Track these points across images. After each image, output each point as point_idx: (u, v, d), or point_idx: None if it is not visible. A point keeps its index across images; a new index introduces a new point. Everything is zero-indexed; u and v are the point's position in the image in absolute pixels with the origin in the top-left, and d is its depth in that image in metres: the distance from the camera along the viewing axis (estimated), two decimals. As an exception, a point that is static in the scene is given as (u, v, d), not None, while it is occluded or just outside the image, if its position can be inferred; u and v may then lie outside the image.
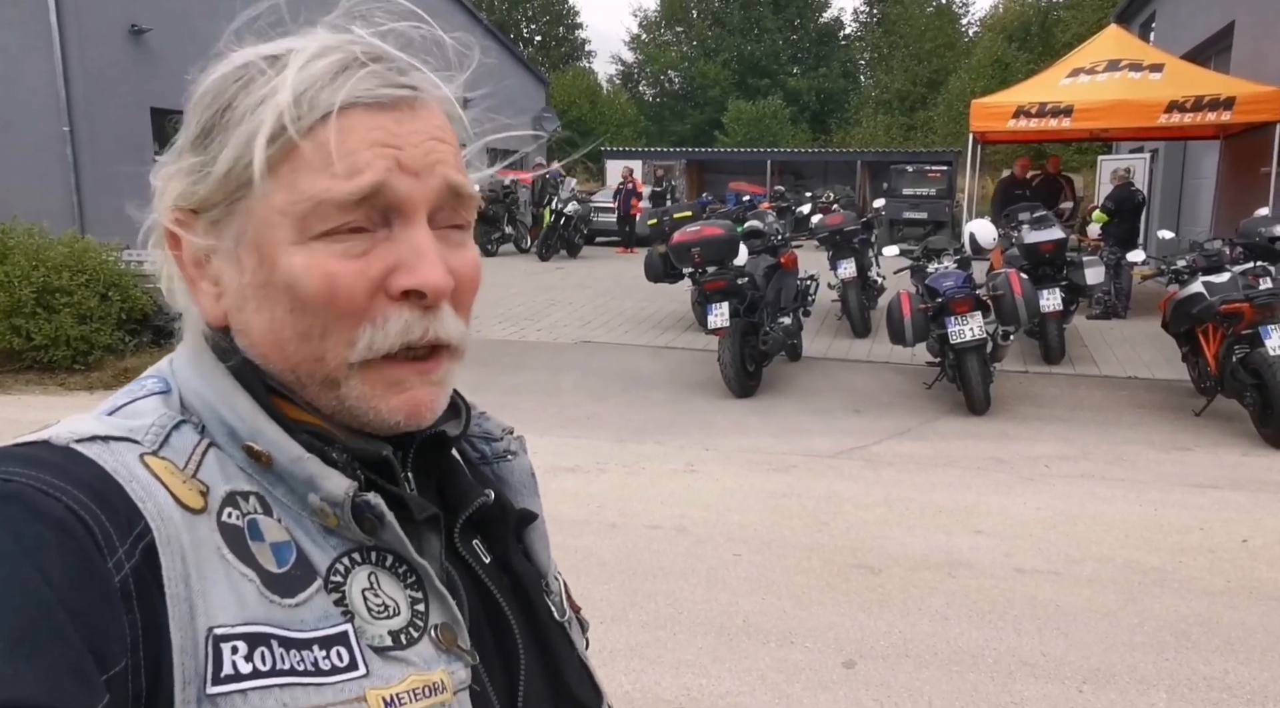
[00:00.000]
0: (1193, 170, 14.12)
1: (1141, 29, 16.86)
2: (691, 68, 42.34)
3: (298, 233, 0.57)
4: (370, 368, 0.59)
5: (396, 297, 0.58)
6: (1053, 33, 33.78)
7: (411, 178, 0.58)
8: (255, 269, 0.58)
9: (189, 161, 0.60)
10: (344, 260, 0.57)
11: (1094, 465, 5.41)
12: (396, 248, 0.58)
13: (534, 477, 0.79)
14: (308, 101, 0.56)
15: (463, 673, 0.60)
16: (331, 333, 0.58)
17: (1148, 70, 9.87)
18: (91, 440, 0.54)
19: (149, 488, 0.53)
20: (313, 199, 0.56)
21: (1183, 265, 6.59)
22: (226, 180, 0.58)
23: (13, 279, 7.24)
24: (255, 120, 0.56)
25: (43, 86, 11.62)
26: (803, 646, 3.31)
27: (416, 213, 0.59)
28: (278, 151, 0.56)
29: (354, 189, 0.56)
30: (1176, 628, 3.42)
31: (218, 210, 0.59)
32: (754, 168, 25.21)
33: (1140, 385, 7.20)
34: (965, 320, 6.26)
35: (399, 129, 0.58)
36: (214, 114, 0.59)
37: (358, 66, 0.57)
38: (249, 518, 0.57)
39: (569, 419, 6.44)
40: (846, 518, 4.56)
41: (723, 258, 7.00)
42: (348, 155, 0.56)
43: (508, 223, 16.39)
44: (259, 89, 0.57)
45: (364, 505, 0.58)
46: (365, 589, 0.59)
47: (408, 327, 0.59)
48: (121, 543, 0.50)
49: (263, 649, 0.53)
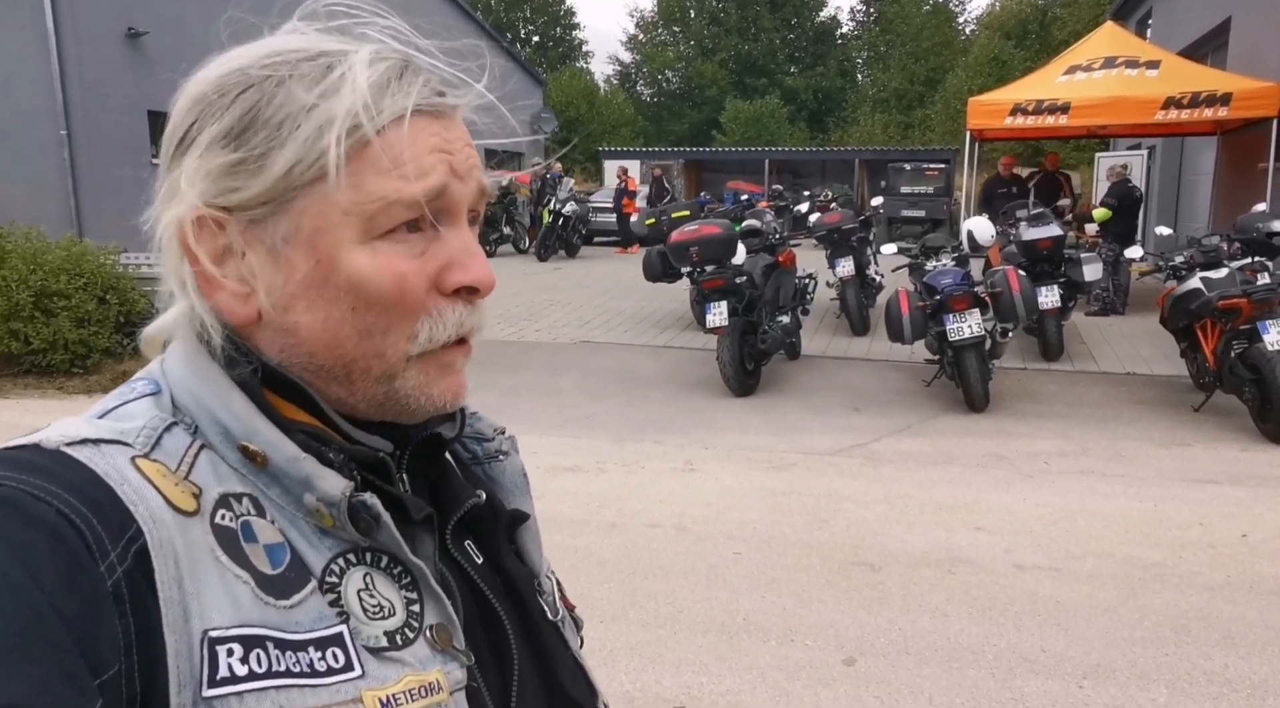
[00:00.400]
0: (1190, 166, 14.13)
1: (1138, 26, 16.87)
2: (689, 67, 42.35)
3: (363, 232, 0.58)
4: (428, 357, 0.62)
5: (449, 292, 0.61)
6: (1050, 31, 33.79)
7: (460, 182, 0.61)
8: (310, 268, 0.58)
9: (221, 158, 0.58)
10: (409, 259, 0.59)
11: (1093, 462, 5.41)
12: (447, 247, 0.61)
13: (525, 477, 0.79)
14: (381, 102, 0.57)
15: (459, 673, 0.60)
16: (393, 329, 0.60)
17: (1144, 67, 9.88)
18: (82, 443, 0.54)
19: (141, 491, 0.52)
20: (383, 199, 0.57)
21: (1180, 261, 6.60)
22: (286, 178, 0.57)
23: (10, 283, 7.23)
24: (319, 118, 0.56)
25: (40, 91, 11.62)
26: (803, 643, 3.31)
27: (462, 214, 0.62)
28: (349, 150, 0.57)
29: (422, 191, 0.58)
30: (1177, 623, 3.42)
31: (264, 209, 0.58)
32: (752, 167, 25.20)
33: (1139, 381, 7.20)
34: (964, 318, 6.26)
35: (449, 136, 0.61)
36: (249, 109, 0.58)
37: (412, 73, 0.60)
38: (242, 520, 0.56)
39: (568, 419, 6.44)
40: (846, 516, 4.56)
41: (721, 257, 7.00)
42: (414, 158, 0.58)
43: (506, 223, 16.39)
44: (310, 86, 0.57)
45: (360, 506, 0.58)
46: (360, 590, 0.59)
47: (461, 320, 0.62)
48: (113, 547, 0.49)
49: (258, 651, 0.53)
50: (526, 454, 0.93)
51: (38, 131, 11.73)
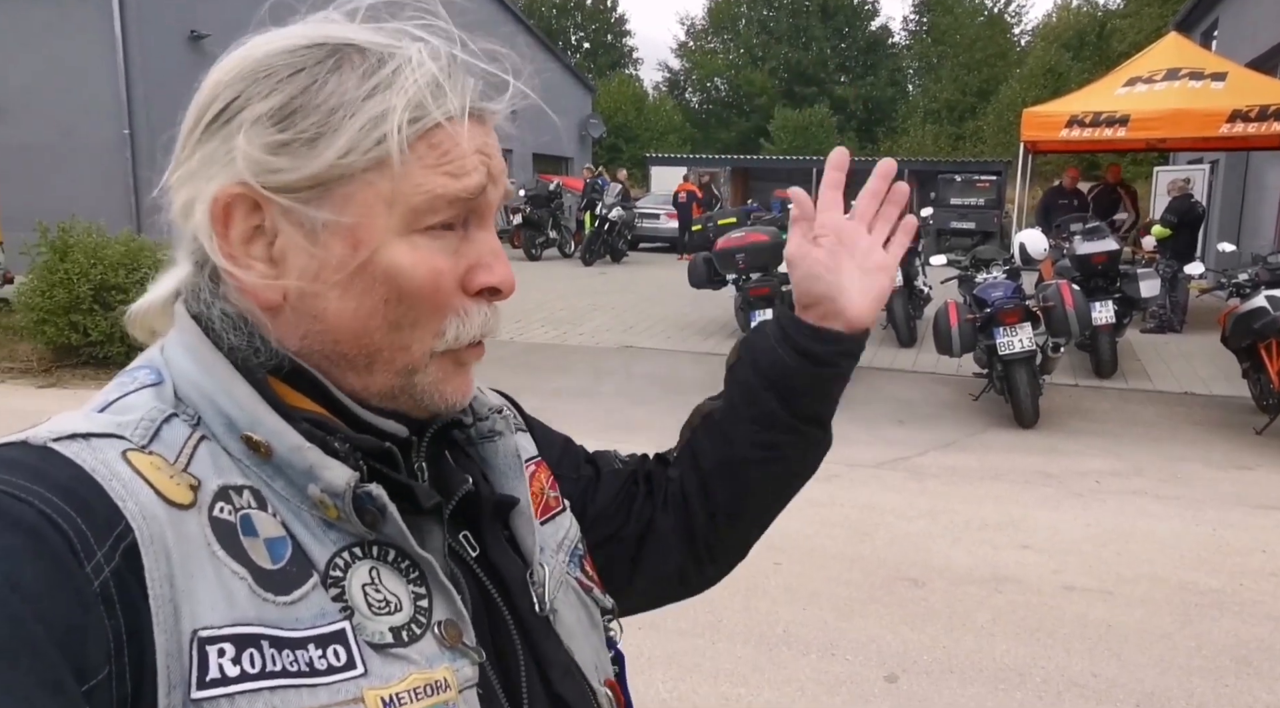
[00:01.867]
0: (1255, 182, 13.71)
1: (1203, 37, 16.45)
2: (738, 75, 42.32)
3: (405, 225, 0.58)
4: (448, 354, 0.62)
5: (474, 293, 0.62)
6: (1109, 42, 33.13)
7: (493, 185, 0.62)
8: (347, 255, 0.58)
9: (268, 137, 0.57)
10: (446, 257, 0.60)
11: (1147, 482, 5.25)
12: (475, 248, 0.62)
13: (520, 458, 0.75)
14: (441, 99, 0.58)
15: (469, 671, 0.59)
16: (421, 324, 0.60)
17: (1209, 79, 9.60)
18: (71, 438, 0.52)
19: (130, 486, 0.51)
20: (430, 192, 0.58)
21: (1245, 279, 6.39)
22: (337, 165, 0.57)
23: (72, 277, 7.43)
24: (375, 108, 0.57)
25: (105, 91, 11.98)
26: (844, 658, 3.25)
27: (490, 216, 0.63)
28: (405, 142, 0.57)
29: (466, 188, 0.59)
30: (1237, 653, 3.30)
31: (308, 193, 0.57)
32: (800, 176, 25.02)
33: (1197, 402, 6.98)
34: (1014, 331, 6.12)
35: (488, 139, 0.62)
36: (300, 92, 0.57)
37: (464, 75, 0.61)
38: (242, 513, 0.55)
39: (609, 424, 6.42)
40: (889, 530, 4.48)
41: (767, 264, 6.95)
42: (459, 157, 0.59)
43: (552, 227, 16.49)
44: (364, 77, 0.57)
45: (365, 497, 0.57)
46: (366, 585, 0.57)
47: (486, 320, 0.63)
48: (100, 546, 0.48)
49: (252, 651, 0.51)
50: None
51: (102, 130, 12.09)
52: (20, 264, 8.67)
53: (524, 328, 9.50)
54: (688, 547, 0.85)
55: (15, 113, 12.46)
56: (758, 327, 0.85)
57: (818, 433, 0.85)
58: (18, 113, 12.45)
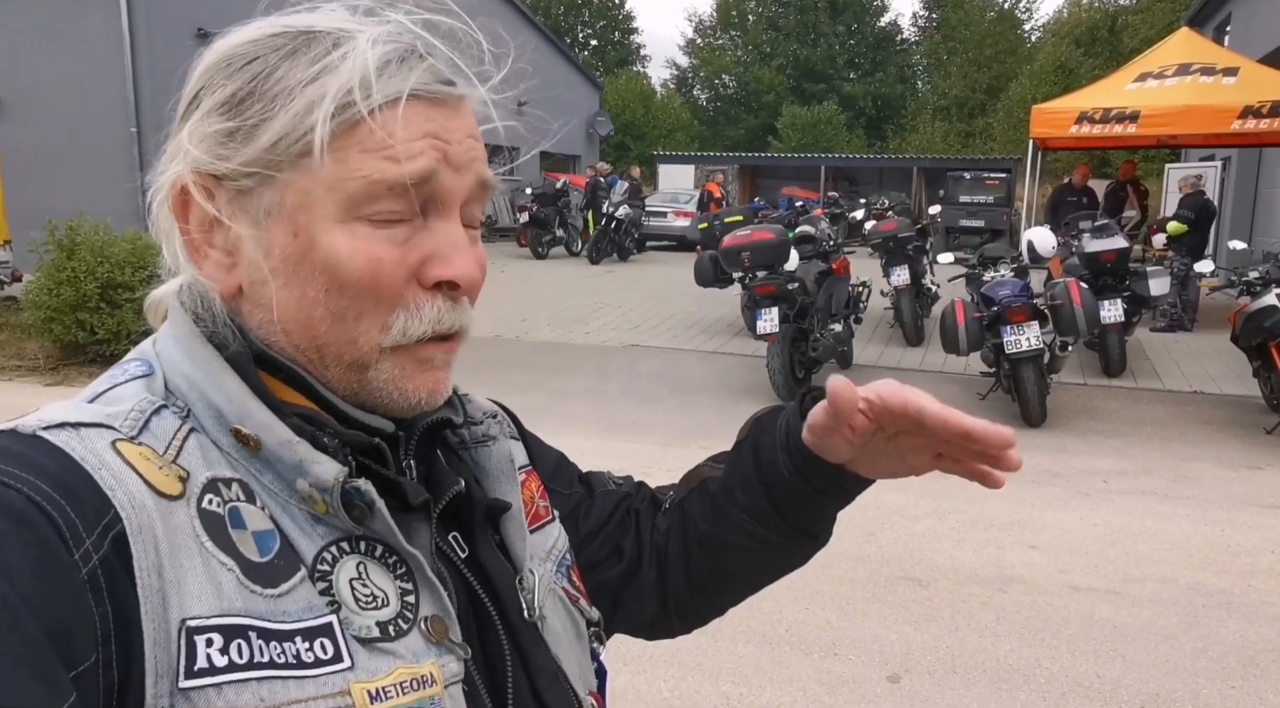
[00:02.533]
0: (1268, 179, 13.59)
1: (1215, 32, 16.31)
2: (746, 72, 42.23)
3: (344, 211, 0.57)
4: (404, 350, 0.60)
5: (429, 286, 0.59)
6: (1120, 38, 32.92)
7: (454, 172, 0.59)
8: (289, 244, 0.57)
9: (217, 126, 0.58)
10: (388, 246, 0.58)
11: (1156, 482, 5.21)
12: (433, 239, 0.59)
13: (513, 463, 0.75)
14: (376, 83, 0.56)
15: (454, 666, 0.59)
16: (366, 316, 0.58)
17: (1221, 74, 9.51)
18: (61, 427, 0.52)
19: (120, 476, 0.51)
20: (366, 178, 0.56)
21: (1255, 277, 6.33)
22: (272, 150, 0.57)
23: (79, 275, 7.47)
24: (314, 93, 0.56)
25: (113, 90, 12.03)
26: (847, 658, 3.23)
27: (453, 206, 0.60)
28: (337, 128, 0.56)
29: (407, 173, 0.57)
30: (1244, 654, 3.26)
31: (250, 180, 0.57)
32: (808, 173, 25.00)
33: (1207, 401, 6.93)
34: (1021, 330, 6.08)
35: (448, 124, 0.59)
36: (250, 80, 0.57)
37: (416, 58, 0.58)
38: (230, 506, 0.55)
39: (615, 423, 6.41)
40: (894, 529, 4.45)
41: (773, 263, 6.91)
42: (404, 141, 0.57)
43: (559, 226, 16.49)
44: (312, 62, 0.57)
45: (353, 492, 0.57)
46: (353, 579, 0.57)
47: (439, 315, 0.60)
48: (88, 534, 0.48)
49: (240, 642, 0.51)
50: (572, 457, 0.89)
51: (110, 128, 12.14)
52: (28, 262, 8.71)
53: (530, 327, 9.49)
54: (661, 603, 0.84)
55: (24, 112, 12.52)
56: (771, 412, 0.80)
57: (808, 541, 0.81)
58: (26, 112, 12.51)
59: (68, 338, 7.60)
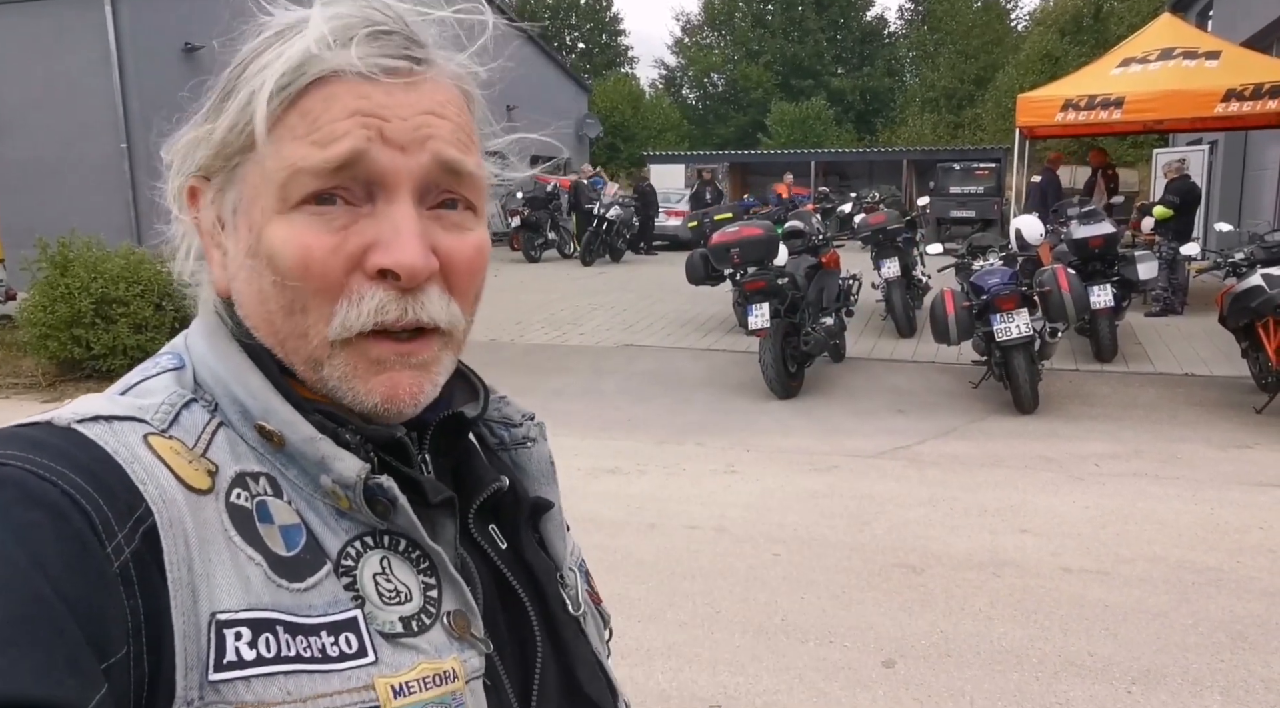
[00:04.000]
0: (1254, 161, 13.66)
1: (1199, 18, 16.38)
2: (734, 70, 42.26)
3: (280, 201, 0.56)
4: (353, 346, 0.57)
5: (373, 275, 0.56)
6: (1106, 24, 32.99)
7: (396, 151, 0.56)
8: (246, 237, 0.58)
9: (206, 127, 0.60)
10: (320, 233, 0.56)
11: (1147, 464, 5.26)
12: (377, 225, 0.56)
13: (553, 465, 0.76)
14: (309, 65, 0.55)
15: (476, 661, 0.59)
16: (310, 308, 0.57)
17: (1203, 58, 9.56)
18: (94, 421, 0.53)
19: (151, 470, 0.51)
20: (291, 166, 0.55)
21: (1241, 258, 6.38)
22: (224, 144, 0.58)
23: (73, 291, 7.49)
24: (255, 83, 0.56)
25: (103, 105, 12.04)
26: (841, 645, 3.27)
27: (399, 188, 0.57)
28: (273, 115, 0.56)
29: (327, 157, 0.55)
30: (1233, 629, 3.31)
31: (221, 176, 0.59)
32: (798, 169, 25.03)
33: (1197, 383, 6.98)
34: (1011, 317, 6.13)
35: (389, 101, 0.56)
36: (226, 83, 0.59)
37: (364, 35, 0.56)
38: (258, 500, 0.55)
39: (610, 421, 6.45)
40: (889, 518, 4.50)
41: (762, 258, 6.95)
42: (328, 123, 0.55)
43: (551, 228, 16.52)
44: (268, 54, 0.57)
45: (376, 488, 0.57)
46: (377, 574, 0.57)
47: (382, 305, 0.56)
48: (120, 527, 0.48)
49: (268, 635, 0.51)
50: (568, 456, 0.93)
51: (100, 144, 12.16)
52: (21, 280, 8.73)
53: (524, 329, 9.53)
54: None
55: (14, 130, 12.54)
56: None
57: None
58: (16, 130, 12.53)
59: (64, 354, 7.62)
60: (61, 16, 12.19)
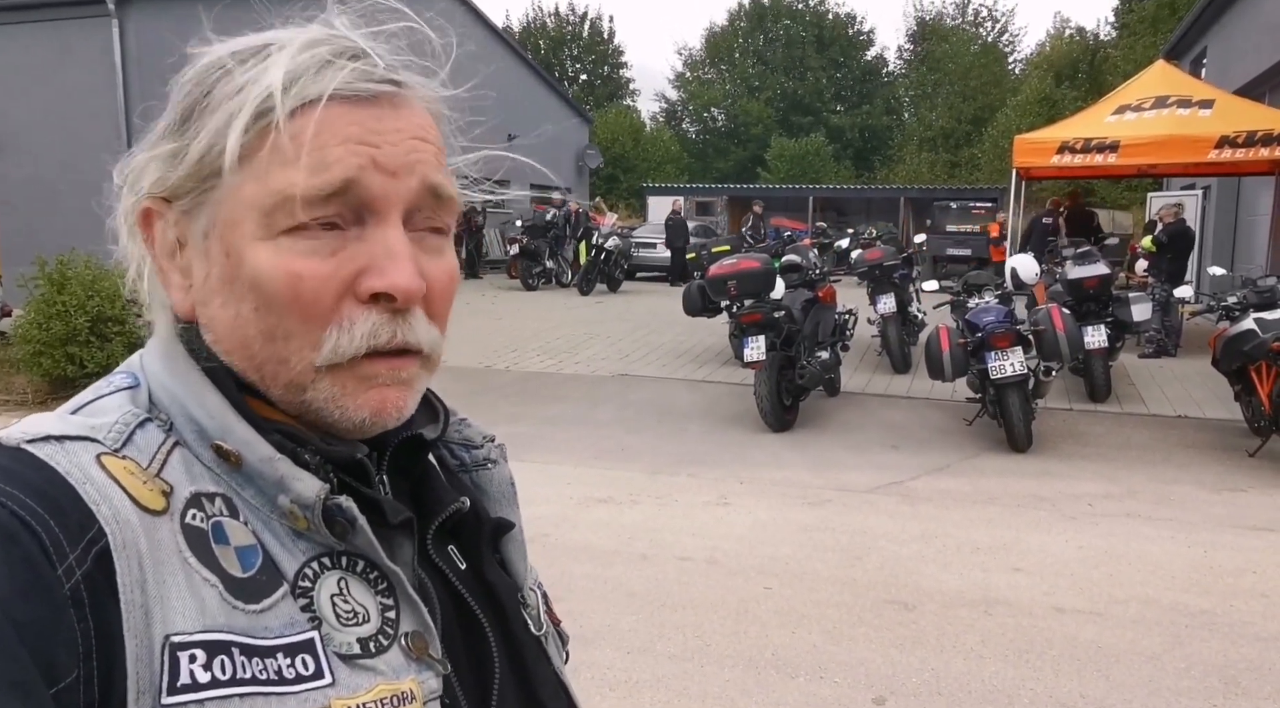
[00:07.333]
0: (1247, 207, 13.82)
1: (1192, 65, 16.63)
2: (735, 105, 42.70)
3: (264, 228, 0.55)
4: (338, 369, 0.57)
5: (365, 299, 0.56)
6: (1101, 70, 33.46)
7: (387, 177, 0.56)
8: (222, 262, 0.57)
9: (165, 147, 0.59)
10: (311, 260, 0.55)
11: (1140, 505, 5.25)
12: (368, 248, 0.56)
13: (514, 486, 0.76)
14: (293, 89, 0.54)
15: (433, 682, 0.58)
16: (296, 335, 0.56)
17: (1197, 106, 9.72)
18: (45, 440, 0.52)
19: (104, 490, 0.50)
20: (279, 193, 0.54)
21: (1234, 302, 6.43)
22: (200, 166, 0.57)
23: (69, 308, 7.48)
24: (233, 106, 0.55)
25: (106, 123, 12.11)
26: (832, 681, 3.24)
27: (390, 212, 0.57)
28: (251, 140, 0.55)
29: (320, 185, 0.54)
30: (1226, 674, 3.29)
31: (189, 199, 0.58)
32: (796, 204, 25.23)
33: (1190, 425, 6.99)
34: (1006, 355, 6.16)
35: (379, 126, 0.56)
36: (193, 101, 0.58)
37: (344, 61, 0.56)
38: (214, 521, 0.54)
39: (604, 451, 6.43)
40: (881, 553, 4.48)
41: (759, 291, 6.98)
42: (319, 150, 0.54)
43: (549, 257, 16.59)
44: (240, 77, 0.56)
45: (335, 509, 0.56)
46: (334, 595, 0.57)
47: (375, 330, 0.56)
48: (72, 549, 0.47)
49: (223, 658, 0.50)
50: (561, 485, 0.93)
51: (102, 162, 12.14)
52: (18, 297, 8.72)
53: (520, 357, 9.53)
54: None
55: (17, 148, 12.60)
56: None
57: None
58: (19, 148, 12.59)
59: (57, 372, 7.59)
60: (67, 36, 12.29)
